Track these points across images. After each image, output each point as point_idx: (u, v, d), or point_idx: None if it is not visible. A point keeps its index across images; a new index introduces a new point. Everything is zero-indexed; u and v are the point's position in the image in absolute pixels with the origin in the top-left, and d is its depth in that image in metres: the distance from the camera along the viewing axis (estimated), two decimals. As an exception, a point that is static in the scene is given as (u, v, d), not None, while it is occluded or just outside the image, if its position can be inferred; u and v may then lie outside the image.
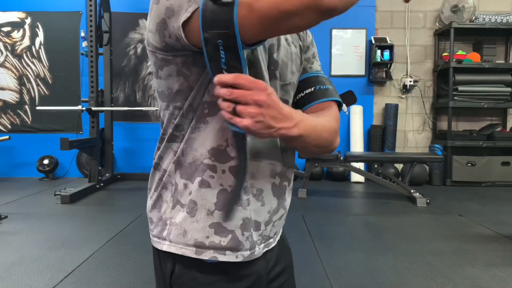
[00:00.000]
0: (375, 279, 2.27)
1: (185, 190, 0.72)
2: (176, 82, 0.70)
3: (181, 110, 0.71)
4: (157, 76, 0.73)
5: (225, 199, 0.70)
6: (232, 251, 0.71)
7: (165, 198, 0.75)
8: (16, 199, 4.25)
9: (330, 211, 3.86)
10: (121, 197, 4.50)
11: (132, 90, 5.68)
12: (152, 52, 0.71)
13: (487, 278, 2.29)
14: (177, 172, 0.73)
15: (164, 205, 0.75)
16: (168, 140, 0.74)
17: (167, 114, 0.74)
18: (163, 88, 0.73)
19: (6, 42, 5.64)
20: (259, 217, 0.74)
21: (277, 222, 0.79)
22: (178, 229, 0.72)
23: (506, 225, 3.34)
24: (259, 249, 0.75)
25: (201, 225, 0.71)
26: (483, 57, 5.29)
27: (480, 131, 5.33)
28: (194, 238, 0.71)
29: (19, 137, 5.58)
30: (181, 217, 0.72)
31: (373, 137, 5.53)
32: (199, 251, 0.70)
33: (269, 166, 0.75)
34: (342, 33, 5.61)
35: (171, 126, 0.73)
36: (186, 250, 0.71)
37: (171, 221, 0.73)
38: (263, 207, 0.75)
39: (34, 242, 2.86)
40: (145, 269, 2.37)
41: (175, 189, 0.73)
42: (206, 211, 0.71)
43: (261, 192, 0.74)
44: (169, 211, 0.74)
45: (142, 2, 5.53)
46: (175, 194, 0.73)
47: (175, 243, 0.72)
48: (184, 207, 0.72)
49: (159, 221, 0.75)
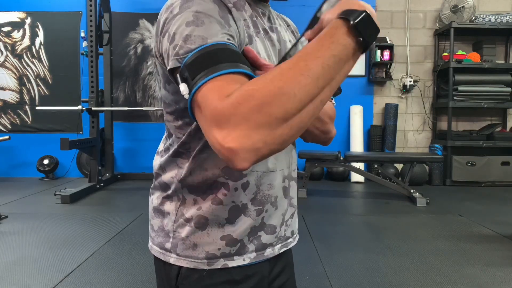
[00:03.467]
0: (375, 279, 2.28)
1: (193, 206, 0.72)
2: (184, 100, 0.69)
3: (190, 128, 0.70)
4: (165, 88, 0.72)
5: (236, 213, 0.71)
6: (239, 255, 0.72)
7: (168, 210, 0.75)
8: (16, 199, 4.25)
9: (330, 211, 3.86)
10: (121, 197, 4.50)
11: (132, 90, 5.68)
12: (159, 64, 0.70)
13: (487, 278, 2.29)
14: (184, 188, 0.73)
15: (167, 216, 0.75)
16: (173, 155, 0.74)
17: (174, 127, 0.73)
18: (170, 102, 0.72)
19: (6, 42, 5.64)
20: (274, 221, 0.76)
21: (289, 221, 0.81)
22: (186, 243, 0.72)
23: (506, 225, 3.34)
24: (273, 250, 0.77)
25: (212, 238, 0.71)
26: (483, 57, 5.29)
27: (480, 131, 5.33)
28: (205, 251, 0.71)
29: (19, 137, 5.59)
30: (188, 231, 0.72)
31: (373, 137, 5.53)
32: (211, 262, 0.71)
33: (281, 173, 0.76)
34: (342, 33, 5.60)
35: (177, 142, 0.72)
36: (198, 264, 0.71)
37: (174, 235, 0.73)
38: (276, 210, 0.76)
39: (34, 242, 2.86)
40: (145, 269, 2.38)
41: (182, 203, 0.73)
42: (217, 225, 0.71)
43: (276, 199, 0.75)
44: (171, 224, 0.74)
45: (142, 2, 5.53)
46: (180, 207, 0.73)
47: (184, 257, 0.72)
48: (191, 222, 0.72)
49: (161, 231, 0.75)
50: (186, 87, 0.55)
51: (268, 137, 0.49)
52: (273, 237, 0.76)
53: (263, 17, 0.76)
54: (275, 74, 0.51)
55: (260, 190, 0.72)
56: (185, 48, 0.58)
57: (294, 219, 0.84)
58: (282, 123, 0.49)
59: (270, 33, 0.76)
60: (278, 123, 0.49)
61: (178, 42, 0.59)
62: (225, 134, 0.49)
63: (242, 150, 0.48)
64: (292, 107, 0.49)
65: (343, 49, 0.53)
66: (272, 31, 0.77)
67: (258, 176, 0.72)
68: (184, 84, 0.55)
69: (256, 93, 0.49)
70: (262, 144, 0.49)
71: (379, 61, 5.36)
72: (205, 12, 0.61)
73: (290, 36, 0.84)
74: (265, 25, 0.75)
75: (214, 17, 0.61)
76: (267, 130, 0.49)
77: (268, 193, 0.74)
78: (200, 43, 0.57)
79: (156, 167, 0.78)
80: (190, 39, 0.58)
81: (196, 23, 0.60)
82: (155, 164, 0.78)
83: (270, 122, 0.48)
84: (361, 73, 5.62)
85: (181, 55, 0.58)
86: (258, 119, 0.48)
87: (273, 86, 0.49)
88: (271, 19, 0.79)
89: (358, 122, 5.44)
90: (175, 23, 0.61)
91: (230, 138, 0.48)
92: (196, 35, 0.58)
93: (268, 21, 0.78)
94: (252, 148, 0.49)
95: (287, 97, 0.49)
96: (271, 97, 0.49)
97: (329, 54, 0.52)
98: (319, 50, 0.52)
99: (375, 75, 5.47)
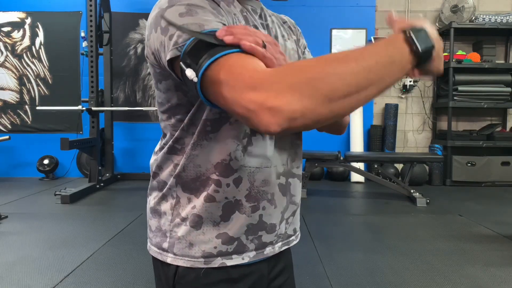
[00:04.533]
0: (375, 279, 2.28)
1: (188, 204, 0.72)
2: (175, 96, 0.70)
3: (182, 124, 0.71)
4: (157, 87, 0.73)
5: (230, 210, 0.71)
6: (238, 254, 0.73)
7: (164, 210, 0.75)
8: (16, 199, 4.25)
9: (330, 211, 3.86)
10: (121, 197, 4.50)
11: (132, 90, 5.68)
12: (150, 65, 0.71)
13: (487, 278, 2.29)
14: (178, 186, 0.73)
15: (163, 216, 0.75)
16: (168, 151, 0.74)
17: (168, 126, 0.74)
18: (163, 100, 0.73)
19: (6, 42, 5.64)
20: (274, 219, 0.76)
21: (291, 218, 0.81)
22: (182, 243, 0.72)
23: (506, 225, 3.34)
24: (273, 249, 0.77)
25: (208, 236, 0.71)
26: (483, 57, 5.29)
27: (480, 131, 5.33)
28: (201, 250, 0.72)
29: (19, 137, 5.59)
30: (184, 230, 0.72)
31: (373, 137, 5.53)
32: (208, 261, 0.72)
33: (274, 169, 0.75)
34: (342, 33, 5.61)
35: (172, 138, 0.73)
36: (195, 263, 0.72)
37: (171, 234, 0.74)
38: (276, 209, 0.76)
39: (34, 242, 2.86)
40: (145, 269, 2.38)
41: (177, 202, 0.73)
42: (212, 223, 0.71)
43: (273, 196, 0.75)
44: (168, 223, 0.74)
45: (142, 2, 5.53)
46: (175, 207, 0.73)
47: (181, 256, 0.72)
48: (186, 221, 0.72)
49: (158, 231, 0.76)
50: (192, 71, 0.55)
51: (307, 110, 0.49)
52: (273, 235, 0.76)
53: (254, 14, 0.76)
54: (329, 57, 0.52)
55: (254, 186, 0.72)
56: (183, 36, 0.59)
57: (296, 216, 0.83)
58: (325, 102, 0.50)
59: (261, 29, 0.75)
60: (322, 101, 0.49)
61: (174, 32, 0.60)
62: (266, 96, 0.49)
63: (280, 113, 0.48)
64: (340, 88, 0.50)
65: (398, 53, 0.56)
66: (263, 28, 0.77)
67: (250, 172, 0.71)
68: (189, 69, 0.55)
69: (307, 68, 0.51)
70: (299, 115, 0.49)
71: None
72: (197, 4, 0.62)
73: (285, 31, 0.83)
74: (256, 22, 0.75)
75: (206, 8, 0.63)
76: (309, 103, 0.49)
77: (263, 189, 0.73)
78: (197, 30, 0.59)
79: (153, 167, 0.78)
80: (187, 27, 0.59)
81: (190, 13, 0.61)
82: (152, 163, 0.79)
83: (315, 96, 0.49)
84: (361, 73, 5.61)
85: (180, 43, 0.59)
86: (304, 90, 0.49)
87: (326, 64, 0.51)
88: (263, 16, 0.79)
89: (358, 122, 5.44)
90: (167, 15, 0.62)
91: (272, 99, 0.48)
92: (192, 23, 0.59)
93: (260, 18, 0.78)
94: (290, 115, 0.49)
95: (338, 77, 0.50)
96: (323, 73, 0.50)
97: (384, 53, 0.55)
98: (375, 48, 0.55)
99: (375, 75, 5.47)
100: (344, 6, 5.56)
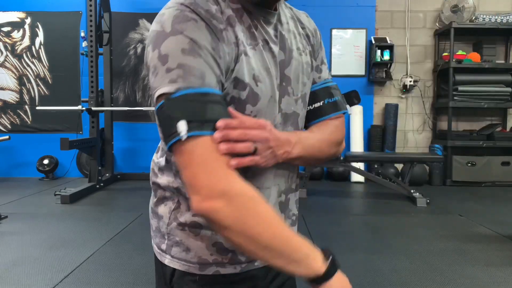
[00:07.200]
0: (375, 279, 2.27)
1: (188, 212, 0.72)
2: None
3: None
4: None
5: None
6: (231, 264, 0.73)
7: (161, 213, 0.76)
8: (16, 199, 4.25)
9: (330, 211, 3.86)
10: (121, 197, 4.50)
11: (132, 90, 5.68)
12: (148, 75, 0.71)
13: (487, 278, 2.28)
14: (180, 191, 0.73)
15: (161, 219, 0.76)
16: (167, 160, 0.74)
17: None
18: None
19: (6, 42, 5.64)
20: None
21: None
22: (180, 246, 0.73)
23: (506, 225, 3.34)
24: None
25: (205, 243, 0.72)
26: (483, 57, 5.29)
27: (480, 131, 5.33)
28: (198, 256, 0.72)
29: (19, 137, 5.58)
30: (182, 235, 0.73)
31: (373, 137, 5.53)
32: (203, 267, 0.72)
33: (275, 188, 0.76)
34: (342, 33, 5.61)
35: None
36: (190, 267, 0.73)
37: (169, 237, 0.74)
38: None
39: (34, 242, 2.86)
40: (145, 269, 2.37)
41: (176, 207, 0.74)
42: (211, 232, 0.72)
43: None
44: (165, 227, 0.75)
45: (142, 2, 5.52)
46: (174, 211, 0.74)
47: (178, 259, 0.73)
48: (185, 226, 0.73)
49: (158, 232, 0.77)
50: (170, 122, 0.59)
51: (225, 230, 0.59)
52: None
53: (266, 25, 0.71)
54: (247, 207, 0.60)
55: None
56: (181, 82, 0.59)
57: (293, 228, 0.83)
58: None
59: (271, 44, 0.71)
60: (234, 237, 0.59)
61: (172, 66, 0.59)
62: (200, 201, 0.59)
63: (208, 216, 0.59)
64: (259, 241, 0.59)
65: (307, 266, 0.61)
66: (276, 39, 0.73)
67: None
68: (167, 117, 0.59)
69: (233, 221, 0.59)
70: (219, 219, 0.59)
71: (379, 61, 5.35)
72: (199, 42, 0.60)
73: (301, 42, 0.79)
74: (266, 35, 0.71)
75: (208, 49, 0.61)
76: (227, 230, 0.59)
77: None
78: (196, 83, 0.59)
79: (156, 168, 0.78)
80: (188, 72, 0.59)
81: (192, 53, 0.60)
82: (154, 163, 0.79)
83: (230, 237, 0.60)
84: (361, 73, 5.62)
85: (176, 85, 0.59)
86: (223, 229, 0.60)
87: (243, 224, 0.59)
88: (278, 25, 0.74)
89: (358, 122, 5.44)
90: (167, 43, 0.60)
91: (205, 207, 0.59)
92: (194, 67, 0.59)
93: (274, 28, 0.73)
94: (214, 218, 0.59)
95: (256, 237, 0.59)
96: (257, 230, 0.59)
97: (287, 246, 0.60)
98: (285, 239, 0.61)
99: (375, 75, 5.47)
100: (344, 6, 5.56)
